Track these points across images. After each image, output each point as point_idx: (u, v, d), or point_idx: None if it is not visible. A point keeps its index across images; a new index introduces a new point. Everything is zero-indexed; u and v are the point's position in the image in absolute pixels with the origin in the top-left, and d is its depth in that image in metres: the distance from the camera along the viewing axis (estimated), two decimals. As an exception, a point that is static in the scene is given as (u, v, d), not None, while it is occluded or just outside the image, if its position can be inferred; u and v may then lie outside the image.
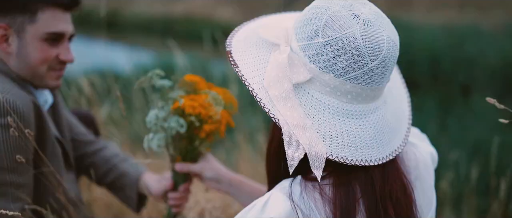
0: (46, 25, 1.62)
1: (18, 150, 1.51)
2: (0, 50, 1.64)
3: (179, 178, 1.70)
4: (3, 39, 1.63)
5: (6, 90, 1.52)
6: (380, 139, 1.18)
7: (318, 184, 1.14)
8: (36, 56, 1.63)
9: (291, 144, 1.10)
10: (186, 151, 1.64)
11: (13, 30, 1.62)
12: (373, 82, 1.14)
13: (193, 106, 1.52)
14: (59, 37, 1.66)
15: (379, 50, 1.11)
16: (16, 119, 1.49)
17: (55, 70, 1.69)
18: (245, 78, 1.17)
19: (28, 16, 1.61)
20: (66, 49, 1.69)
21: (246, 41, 1.27)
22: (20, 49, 1.63)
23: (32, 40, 1.62)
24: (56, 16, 1.63)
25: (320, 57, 1.12)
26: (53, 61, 1.67)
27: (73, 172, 1.86)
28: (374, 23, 1.11)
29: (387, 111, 1.22)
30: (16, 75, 1.64)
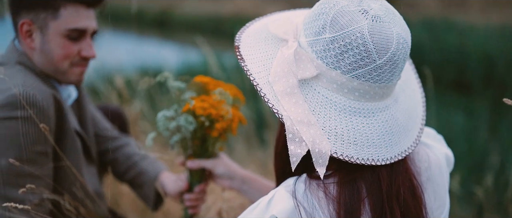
0: (68, 22, 1.64)
1: (37, 142, 1.54)
2: (24, 46, 1.68)
3: (194, 178, 1.70)
4: (27, 34, 1.66)
5: (28, 84, 1.55)
6: (388, 138, 1.15)
7: (322, 182, 1.11)
8: (58, 52, 1.66)
9: (294, 140, 1.08)
10: (200, 151, 1.64)
11: (37, 26, 1.65)
12: (382, 79, 1.11)
13: (203, 107, 1.53)
14: (81, 33, 1.68)
15: (388, 47, 1.07)
16: (36, 112, 1.52)
17: (77, 66, 1.71)
18: (251, 73, 1.16)
19: (50, 12, 1.63)
20: (88, 45, 1.70)
21: (256, 37, 1.26)
22: (43, 45, 1.66)
23: (54, 36, 1.65)
24: (78, 12, 1.65)
25: (327, 53, 1.10)
26: (75, 57, 1.69)
27: (94, 166, 1.89)
28: (384, 19, 1.08)
29: (398, 110, 1.19)
30: (40, 70, 1.67)
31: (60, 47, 1.66)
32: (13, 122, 1.50)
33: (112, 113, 2.23)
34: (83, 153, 1.79)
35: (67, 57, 1.67)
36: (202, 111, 1.53)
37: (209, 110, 1.53)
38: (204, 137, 1.61)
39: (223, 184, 1.66)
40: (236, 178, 1.64)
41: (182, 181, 1.78)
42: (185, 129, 1.56)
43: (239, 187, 1.64)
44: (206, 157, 1.65)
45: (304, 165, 1.10)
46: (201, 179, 1.70)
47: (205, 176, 1.71)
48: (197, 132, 1.59)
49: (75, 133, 1.72)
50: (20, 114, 1.50)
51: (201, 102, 1.54)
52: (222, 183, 1.67)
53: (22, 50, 1.68)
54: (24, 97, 1.51)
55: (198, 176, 1.69)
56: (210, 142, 1.62)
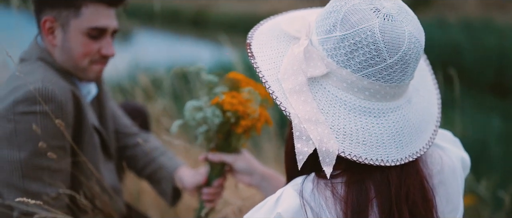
0: (89, 20, 1.67)
1: (55, 136, 1.56)
2: (47, 42, 1.71)
3: (214, 172, 1.71)
4: (50, 31, 1.69)
5: (47, 79, 1.58)
6: (399, 139, 1.12)
7: (330, 182, 1.10)
8: (78, 50, 1.69)
9: (301, 138, 1.08)
10: (222, 145, 1.65)
11: (59, 24, 1.68)
12: (393, 79, 1.09)
13: (232, 103, 1.54)
14: (102, 32, 1.70)
15: (399, 46, 1.06)
16: (54, 107, 1.55)
17: (96, 64, 1.74)
18: (260, 70, 1.16)
19: (72, 10, 1.66)
20: (108, 43, 1.73)
21: (268, 34, 1.25)
22: (64, 42, 1.69)
23: (75, 34, 1.68)
24: (99, 11, 1.68)
25: (337, 52, 1.09)
26: (95, 55, 1.72)
27: (112, 162, 1.91)
28: (396, 18, 1.06)
29: (411, 110, 1.16)
30: (60, 66, 1.71)
31: (80, 45, 1.69)
32: (32, 116, 1.53)
33: (134, 109, 2.26)
34: (101, 149, 1.82)
35: (87, 55, 1.70)
36: (230, 106, 1.54)
37: (237, 106, 1.54)
38: (228, 132, 1.62)
39: (242, 179, 1.67)
40: (256, 174, 1.63)
41: (200, 175, 1.80)
42: (211, 121, 1.57)
43: (258, 184, 1.63)
44: (228, 151, 1.66)
45: (313, 164, 1.10)
46: (220, 173, 1.71)
47: (225, 170, 1.72)
48: (222, 126, 1.60)
49: (93, 128, 1.75)
50: (39, 108, 1.53)
51: (230, 98, 1.55)
52: (241, 179, 1.67)
53: (44, 46, 1.72)
54: (43, 92, 1.54)
55: (218, 170, 1.70)
56: (234, 137, 1.63)
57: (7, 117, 1.54)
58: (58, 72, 1.69)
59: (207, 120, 1.58)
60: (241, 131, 1.58)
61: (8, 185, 1.57)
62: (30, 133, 1.53)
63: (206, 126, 1.62)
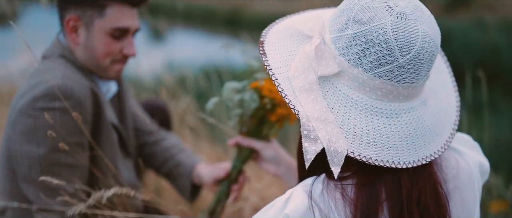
0: (113, 21, 1.70)
1: (73, 133, 1.59)
2: (69, 40, 1.73)
3: (240, 157, 1.72)
4: (73, 30, 1.71)
5: (67, 76, 1.61)
6: (412, 141, 1.10)
7: (340, 183, 1.08)
8: (101, 49, 1.71)
9: (309, 137, 1.06)
10: (254, 131, 1.66)
11: (83, 23, 1.70)
12: (405, 79, 1.06)
13: (271, 90, 1.55)
14: (124, 32, 1.73)
15: (411, 45, 1.03)
16: (72, 104, 1.57)
17: (117, 63, 1.77)
18: (271, 68, 1.15)
19: (97, 10, 1.69)
20: (129, 43, 1.75)
21: (282, 33, 1.24)
22: (87, 41, 1.71)
23: (98, 34, 1.70)
24: (123, 12, 1.71)
25: (349, 50, 1.07)
26: (116, 55, 1.74)
27: (131, 160, 1.93)
28: (410, 17, 1.04)
29: (426, 112, 1.13)
30: (81, 64, 1.73)
31: (103, 45, 1.71)
32: (50, 112, 1.56)
33: (156, 107, 2.27)
34: (120, 146, 1.84)
35: (109, 54, 1.73)
36: (268, 92, 1.55)
37: (276, 94, 1.55)
38: (262, 118, 1.63)
39: (268, 168, 1.66)
40: (282, 164, 1.63)
41: (219, 169, 1.82)
42: (247, 105, 1.59)
43: (284, 174, 1.62)
44: (258, 138, 1.67)
45: (323, 164, 1.08)
46: (246, 159, 1.72)
47: (251, 157, 1.72)
48: (257, 112, 1.61)
49: (111, 126, 1.77)
50: (58, 105, 1.56)
51: (270, 85, 1.56)
52: (267, 167, 1.66)
53: (66, 44, 1.75)
54: (62, 89, 1.57)
55: (245, 155, 1.71)
56: (267, 125, 1.64)
57: (27, 113, 1.57)
58: (79, 70, 1.72)
59: (243, 103, 1.60)
60: (275, 119, 1.59)
61: (27, 179, 1.60)
62: (49, 128, 1.55)
63: (242, 109, 1.63)
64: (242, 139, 1.67)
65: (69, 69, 1.67)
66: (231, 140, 1.72)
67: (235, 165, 1.75)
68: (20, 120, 1.58)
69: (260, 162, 1.69)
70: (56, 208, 1.59)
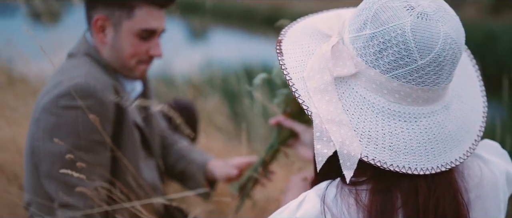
0: (141, 22, 1.70)
1: (95, 131, 1.59)
2: (96, 39, 1.74)
3: (280, 138, 1.71)
4: (101, 29, 1.72)
5: (90, 75, 1.62)
6: (431, 147, 1.04)
7: (355, 188, 1.04)
8: (128, 50, 1.72)
9: (321, 139, 1.02)
10: (297, 113, 1.65)
11: (111, 23, 1.71)
12: (425, 82, 1.02)
13: None
14: (152, 33, 1.74)
15: (431, 46, 0.98)
16: (94, 102, 1.59)
17: (143, 64, 1.78)
18: (286, 67, 1.12)
19: (126, 11, 1.69)
20: (156, 44, 1.76)
21: (302, 32, 1.21)
22: (114, 41, 1.72)
23: (126, 35, 1.71)
24: (151, 13, 1.71)
25: (367, 51, 1.03)
26: (143, 56, 1.75)
27: (154, 160, 1.93)
28: (432, 17, 0.99)
29: (448, 117, 1.08)
30: (106, 63, 1.74)
31: (130, 45, 1.73)
32: (73, 110, 1.57)
33: (182, 106, 2.28)
34: (142, 146, 1.84)
35: (135, 55, 1.74)
36: None
37: None
38: None
39: (304, 153, 1.64)
40: None
41: (229, 166, 1.85)
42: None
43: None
44: (300, 121, 1.66)
45: (339, 168, 1.04)
46: (285, 140, 1.71)
47: (290, 139, 1.71)
48: None
49: (134, 125, 1.77)
50: (80, 103, 1.57)
51: None
52: (303, 152, 1.64)
53: (92, 43, 1.76)
54: (85, 87, 1.58)
55: (284, 136, 1.70)
56: None
57: (50, 110, 1.59)
58: (104, 68, 1.73)
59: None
60: None
61: (49, 176, 1.62)
62: (72, 126, 1.57)
63: (288, 90, 1.62)
64: (284, 119, 1.67)
65: (93, 68, 1.68)
66: (274, 118, 1.71)
67: (272, 144, 1.74)
68: (44, 117, 1.60)
69: (297, 145, 1.68)
70: (77, 206, 1.60)
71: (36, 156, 1.64)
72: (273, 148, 1.74)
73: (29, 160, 1.70)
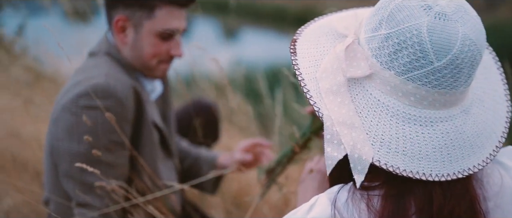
0: (162, 22, 1.70)
1: (114, 131, 1.59)
2: (117, 39, 1.74)
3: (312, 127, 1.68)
4: (121, 30, 1.72)
5: (111, 75, 1.63)
6: (447, 152, 1.00)
7: (367, 193, 1.01)
8: (148, 50, 1.72)
9: (332, 142, 1.00)
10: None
11: (131, 23, 1.71)
12: (442, 85, 0.98)
13: None
14: (172, 33, 1.73)
15: (448, 48, 0.94)
16: (114, 102, 1.59)
17: (164, 63, 1.77)
18: (298, 67, 1.09)
19: (146, 12, 1.69)
20: (177, 44, 1.75)
21: (317, 31, 1.18)
22: (135, 42, 1.72)
23: (147, 35, 1.71)
24: (172, 13, 1.71)
25: (381, 51, 1.00)
26: (163, 56, 1.75)
27: (172, 160, 1.92)
28: (451, 17, 0.95)
29: (467, 122, 1.03)
30: (126, 63, 1.74)
31: (151, 46, 1.72)
32: (92, 110, 1.58)
33: (203, 106, 2.28)
34: (161, 146, 1.84)
35: (156, 55, 1.74)
36: None
37: None
38: None
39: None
40: None
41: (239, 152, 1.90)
42: None
43: None
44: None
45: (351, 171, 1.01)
46: (318, 130, 1.68)
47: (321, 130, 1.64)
48: None
49: (153, 125, 1.77)
50: (100, 103, 1.57)
51: None
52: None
53: (113, 43, 1.76)
54: (105, 87, 1.58)
55: (317, 126, 1.67)
56: None
57: (70, 110, 1.59)
58: (124, 68, 1.73)
59: None
60: None
61: (67, 175, 1.63)
62: (90, 126, 1.57)
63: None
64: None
65: (113, 68, 1.69)
66: (309, 107, 1.69)
67: (305, 132, 1.71)
68: (63, 117, 1.60)
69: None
70: (94, 205, 1.61)
71: (55, 155, 1.65)
72: (305, 136, 1.72)
73: (48, 158, 1.71)
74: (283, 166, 1.77)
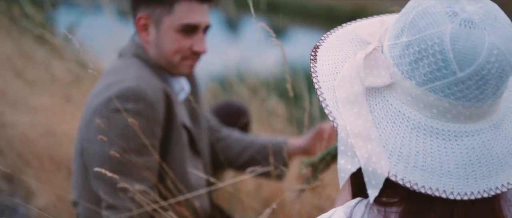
0: (181, 17, 1.69)
1: (146, 134, 1.60)
2: (141, 39, 1.76)
3: None
4: (143, 28, 1.73)
5: (141, 78, 1.63)
6: (472, 169, 0.92)
7: (384, 210, 0.96)
8: (170, 46, 1.71)
9: (346, 153, 0.95)
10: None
11: (152, 21, 1.72)
12: (466, 97, 0.90)
13: None
14: (194, 28, 1.72)
15: (473, 57, 0.87)
16: (145, 106, 1.59)
17: (188, 60, 1.76)
18: (316, 75, 1.04)
19: (166, 8, 1.69)
20: (199, 40, 1.74)
21: (343, 38, 1.12)
22: (157, 39, 1.72)
23: (167, 31, 1.70)
24: (192, 8, 1.69)
25: (402, 60, 0.94)
26: (186, 52, 1.74)
27: (200, 160, 1.91)
28: (478, 25, 0.88)
29: (497, 138, 0.95)
30: (154, 62, 1.74)
31: (172, 42, 1.71)
32: (124, 113, 1.58)
33: (234, 108, 2.27)
34: (190, 147, 1.83)
35: (178, 51, 1.73)
36: None
37: None
38: None
39: None
40: None
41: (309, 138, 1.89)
42: None
43: None
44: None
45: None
46: None
47: None
48: None
49: (182, 126, 1.76)
50: (131, 106, 1.58)
51: None
52: None
53: (139, 43, 1.77)
54: (136, 91, 1.59)
55: None
56: None
57: (101, 113, 1.60)
58: (152, 68, 1.74)
59: None
60: None
61: (98, 177, 1.63)
62: (121, 129, 1.58)
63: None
64: None
65: (143, 70, 1.69)
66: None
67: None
68: (94, 119, 1.61)
69: None
70: (123, 207, 1.62)
71: (85, 156, 1.67)
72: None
73: (79, 160, 1.72)
74: (326, 164, 1.73)
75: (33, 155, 2.64)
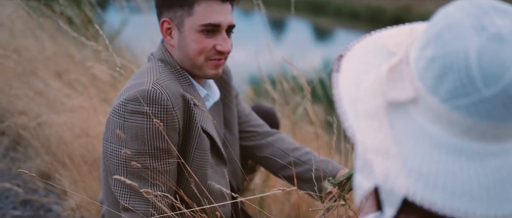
0: (202, 17, 1.68)
1: (159, 138, 1.59)
2: (166, 43, 1.77)
3: None
4: (168, 32, 1.74)
5: (160, 81, 1.63)
6: (496, 191, 0.87)
7: None
8: (193, 47, 1.70)
9: (363, 170, 0.90)
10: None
11: (175, 24, 1.72)
12: (492, 116, 0.84)
13: None
14: (215, 28, 1.70)
15: (499, 75, 0.81)
16: (160, 110, 1.59)
17: (212, 60, 1.75)
18: (338, 86, 0.99)
19: (186, 9, 1.69)
20: (223, 39, 1.72)
21: (369, 47, 1.06)
22: (180, 41, 1.72)
23: (189, 32, 1.70)
24: (212, 8, 1.68)
25: (427, 73, 0.88)
26: (210, 52, 1.72)
27: (224, 167, 1.89)
28: (507, 40, 0.82)
29: None
30: (180, 67, 1.75)
31: (194, 42, 1.70)
32: (138, 115, 1.58)
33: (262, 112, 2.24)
34: (212, 153, 1.81)
35: (202, 52, 1.71)
36: None
37: None
38: None
39: None
40: None
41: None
42: None
43: None
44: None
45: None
46: None
47: None
48: None
49: (204, 133, 1.75)
50: (146, 109, 1.57)
51: None
52: None
53: (165, 47, 1.78)
54: (151, 94, 1.58)
55: None
56: None
57: (118, 113, 1.61)
58: (176, 73, 1.74)
59: None
60: None
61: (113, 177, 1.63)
62: (136, 131, 1.58)
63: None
64: None
65: (164, 74, 1.69)
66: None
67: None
68: (112, 119, 1.63)
69: None
70: (138, 210, 1.63)
71: (104, 156, 1.69)
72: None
73: (103, 159, 1.75)
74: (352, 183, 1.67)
75: (67, 155, 2.68)
